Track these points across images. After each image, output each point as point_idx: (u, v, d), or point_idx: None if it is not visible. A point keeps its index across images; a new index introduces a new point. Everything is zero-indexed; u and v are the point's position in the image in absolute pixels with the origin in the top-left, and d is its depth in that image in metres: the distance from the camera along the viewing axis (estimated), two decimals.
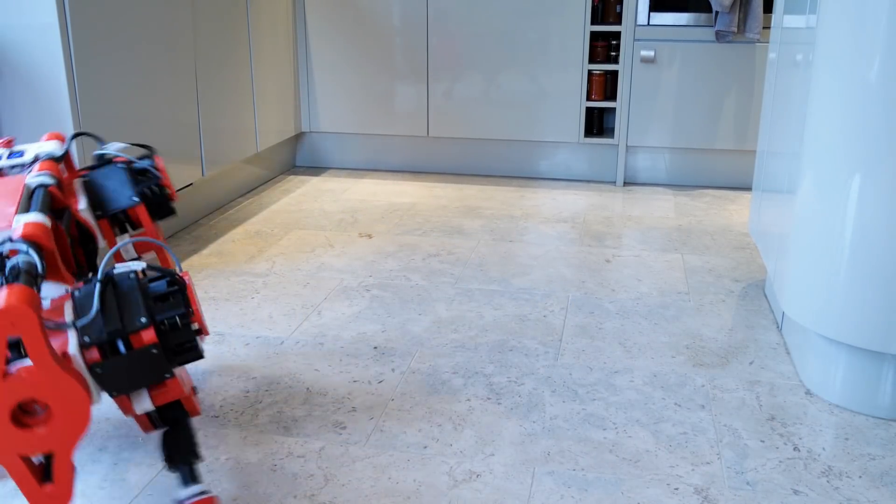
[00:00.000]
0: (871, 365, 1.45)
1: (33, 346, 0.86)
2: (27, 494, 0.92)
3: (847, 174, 1.37)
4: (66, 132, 1.86)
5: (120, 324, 0.96)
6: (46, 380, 0.88)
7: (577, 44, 2.99)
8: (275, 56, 3.00)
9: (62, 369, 0.88)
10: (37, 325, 0.85)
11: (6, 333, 0.82)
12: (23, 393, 0.87)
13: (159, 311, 0.99)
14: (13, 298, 0.85)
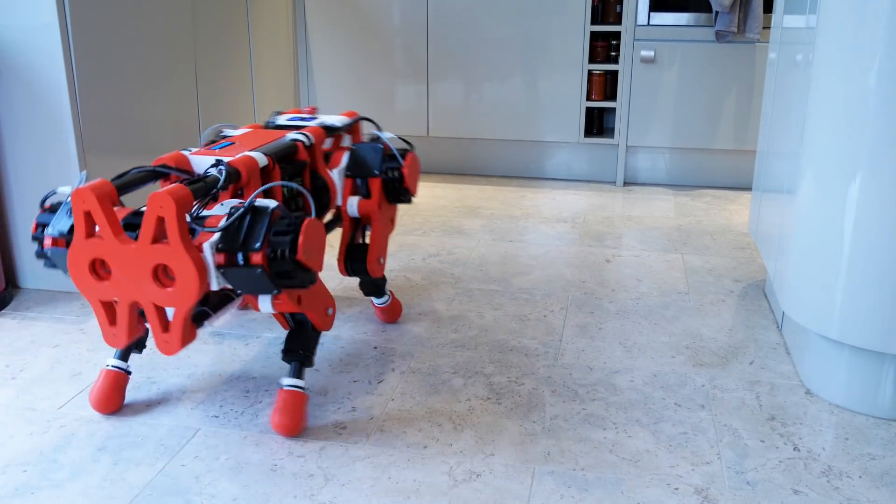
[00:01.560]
0: (871, 365, 1.45)
1: (170, 228, 1.16)
2: (155, 334, 1.24)
3: (847, 174, 1.37)
4: (65, 132, 1.86)
5: (241, 242, 1.21)
6: (173, 254, 1.17)
7: (577, 44, 2.99)
8: (275, 56, 3.00)
9: (186, 252, 1.16)
10: (174, 213, 1.15)
11: (155, 213, 1.16)
12: (158, 258, 1.18)
13: (271, 243, 1.22)
14: (166, 191, 1.15)
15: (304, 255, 1.23)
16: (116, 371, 1.46)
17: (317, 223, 1.26)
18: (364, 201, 1.62)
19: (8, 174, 1.92)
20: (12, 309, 1.90)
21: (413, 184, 1.65)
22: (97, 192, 1.19)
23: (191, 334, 1.26)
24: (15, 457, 1.31)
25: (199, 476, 1.26)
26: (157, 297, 1.21)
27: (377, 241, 1.65)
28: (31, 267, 2.00)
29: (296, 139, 1.51)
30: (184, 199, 1.18)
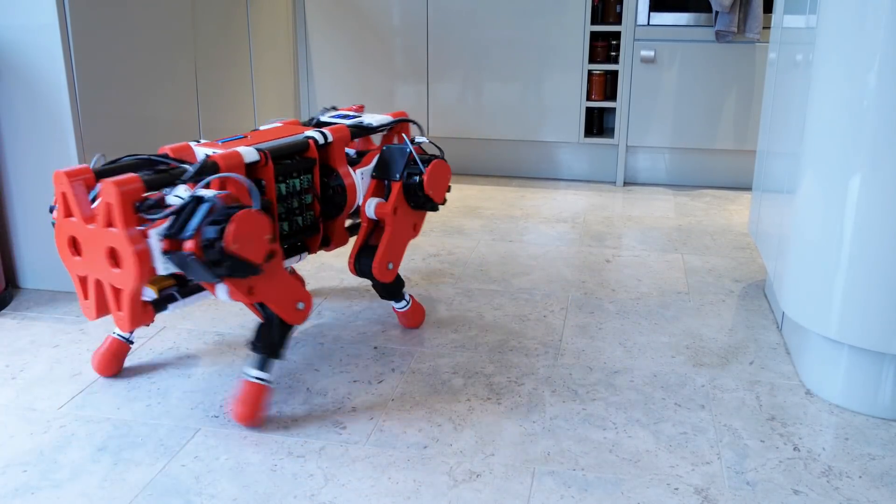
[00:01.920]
0: (871, 365, 1.45)
1: (114, 215, 1.22)
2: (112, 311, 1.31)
3: (847, 174, 1.37)
4: (65, 132, 1.86)
5: (177, 230, 1.25)
6: (117, 239, 1.23)
7: (577, 44, 2.99)
8: (275, 56, 3.00)
9: (126, 238, 1.22)
10: (118, 201, 1.21)
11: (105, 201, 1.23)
12: (108, 241, 1.24)
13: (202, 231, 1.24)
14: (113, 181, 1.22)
15: (233, 244, 1.24)
16: (120, 340, 1.58)
17: (252, 215, 1.27)
18: (381, 203, 1.60)
19: (8, 174, 1.92)
20: (12, 309, 1.90)
21: (436, 191, 1.61)
22: (71, 175, 1.27)
23: (143, 315, 1.31)
24: (15, 457, 1.31)
25: (199, 476, 1.26)
26: (109, 277, 1.28)
27: (387, 244, 1.62)
28: (31, 267, 2.00)
29: (309, 137, 1.53)
30: (130, 189, 1.23)
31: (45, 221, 1.94)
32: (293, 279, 1.43)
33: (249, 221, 1.27)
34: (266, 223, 1.30)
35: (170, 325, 1.81)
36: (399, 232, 1.64)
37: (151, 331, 1.78)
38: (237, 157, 1.39)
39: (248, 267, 1.28)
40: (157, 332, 1.78)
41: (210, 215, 1.26)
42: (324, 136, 1.55)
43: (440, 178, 1.63)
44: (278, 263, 1.39)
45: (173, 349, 1.69)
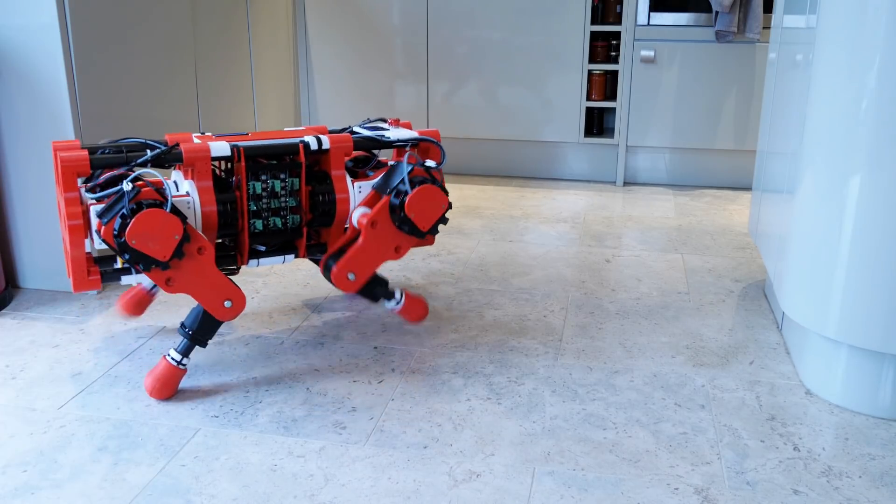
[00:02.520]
0: (871, 365, 1.45)
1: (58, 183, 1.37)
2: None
3: (847, 174, 1.37)
4: (65, 132, 1.86)
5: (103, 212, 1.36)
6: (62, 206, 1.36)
7: (577, 44, 2.99)
8: (275, 56, 3.00)
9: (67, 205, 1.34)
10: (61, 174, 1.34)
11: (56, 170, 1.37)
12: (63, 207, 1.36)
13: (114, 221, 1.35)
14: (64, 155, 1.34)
15: (132, 237, 1.33)
16: (145, 291, 1.78)
17: (155, 215, 1.34)
18: (363, 214, 1.59)
19: (8, 174, 1.92)
20: (12, 309, 1.90)
21: (419, 216, 1.56)
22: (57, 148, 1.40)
23: (87, 281, 1.40)
24: (15, 457, 1.31)
25: (199, 476, 1.26)
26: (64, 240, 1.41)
27: (355, 253, 1.58)
28: (31, 267, 2.00)
29: (301, 141, 1.56)
30: (73, 162, 1.35)
31: (45, 221, 1.94)
32: (224, 277, 1.48)
33: (151, 221, 1.34)
34: (173, 223, 1.36)
35: (170, 325, 1.81)
36: (374, 247, 1.59)
37: (151, 331, 1.78)
38: (203, 149, 1.44)
39: (151, 261, 1.37)
40: (157, 331, 1.78)
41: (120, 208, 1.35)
42: (319, 142, 1.57)
43: (428, 205, 1.57)
44: (203, 261, 1.44)
45: None
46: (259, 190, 1.52)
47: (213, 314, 1.49)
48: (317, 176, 1.61)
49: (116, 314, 1.87)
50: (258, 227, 1.54)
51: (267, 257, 1.60)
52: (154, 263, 1.37)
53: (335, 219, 1.61)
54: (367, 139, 1.64)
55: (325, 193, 1.59)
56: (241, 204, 1.51)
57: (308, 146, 1.56)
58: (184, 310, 1.89)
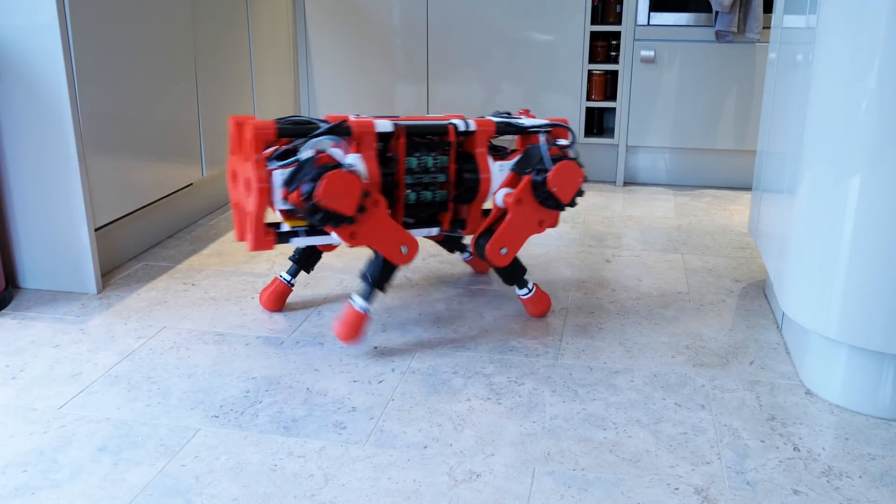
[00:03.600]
0: (871, 365, 1.45)
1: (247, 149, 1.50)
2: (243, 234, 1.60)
3: (847, 174, 1.37)
4: (65, 132, 1.86)
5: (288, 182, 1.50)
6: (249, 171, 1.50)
7: (577, 44, 2.99)
8: (275, 56, 3.00)
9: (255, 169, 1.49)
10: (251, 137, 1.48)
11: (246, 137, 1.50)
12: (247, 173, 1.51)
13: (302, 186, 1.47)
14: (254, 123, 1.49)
15: (322, 199, 1.46)
16: (284, 283, 1.87)
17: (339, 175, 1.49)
18: (507, 194, 1.72)
19: (8, 174, 1.92)
20: (12, 309, 1.90)
21: (561, 190, 1.69)
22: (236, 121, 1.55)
23: (264, 241, 1.56)
24: (15, 457, 1.31)
25: (199, 476, 1.26)
26: (244, 203, 1.56)
27: (505, 231, 1.71)
28: (31, 267, 2.00)
29: (452, 123, 1.70)
30: (263, 132, 1.50)
31: (46, 221, 1.94)
32: (398, 225, 1.63)
33: (338, 179, 1.48)
34: (354, 181, 1.50)
35: (170, 326, 1.81)
36: (520, 222, 1.73)
37: (151, 331, 1.78)
38: (369, 125, 1.60)
39: (340, 217, 1.50)
40: (158, 332, 1.78)
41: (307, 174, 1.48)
42: (466, 124, 1.71)
43: (568, 179, 1.69)
44: (379, 213, 1.59)
45: (173, 349, 1.69)
46: (414, 165, 1.66)
47: (391, 260, 1.63)
48: (462, 156, 1.74)
49: (117, 314, 1.87)
50: (411, 198, 1.68)
51: (414, 229, 1.74)
52: (342, 220, 1.50)
53: (478, 195, 1.74)
54: (506, 123, 1.77)
55: (471, 171, 1.72)
56: (399, 176, 1.65)
57: (457, 127, 1.69)
58: (184, 313, 1.89)
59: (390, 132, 1.63)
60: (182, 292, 2.00)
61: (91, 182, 1.95)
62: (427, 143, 1.67)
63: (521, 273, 1.81)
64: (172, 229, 2.47)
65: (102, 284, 2.04)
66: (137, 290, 2.01)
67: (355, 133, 1.58)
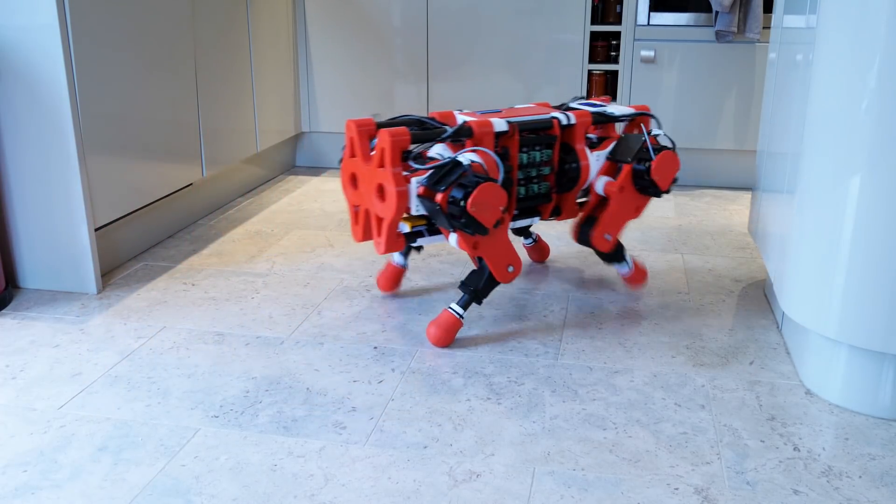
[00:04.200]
0: (871, 365, 1.45)
1: (385, 159, 1.54)
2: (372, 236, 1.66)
3: (847, 174, 1.37)
4: (65, 132, 1.86)
5: (433, 183, 1.56)
6: (385, 178, 1.56)
7: (577, 44, 2.99)
8: (275, 56, 3.00)
9: (392, 178, 1.54)
10: (389, 147, 1.53)
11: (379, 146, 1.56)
12: (378, 179, 1.58)
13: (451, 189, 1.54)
14: (388, 131, 1.54)
15: (472, 207, 1.52)
16: (398, 266, 1.96)
17: (493, 188, 1.54)
18: (610, 182, 1.82)
19: (8, 174, 1.92)
20: (12, 309, 1.90)
21: (661, 178, 1.80)
22: (358, 124, 1.61)
23: (396, 244, 1.63)
24: (15, 457, 1.31)
25: (199, 476, 1.26)
26: (375, 208, 1.62)
27: (608, 218, 1.84)
28: (31, 267, 2.00)
29: (554, 117, 1.77)
30: (399, 140, 1.54)
31: (46, 221, 1.94)
32: (511, 245, 1.69)
33: (489, 192, 1.54)
34: (502, 196, 1.55)
35: (169, 326, 1.81)
36: (621, 209, 1.85)
37: (151, 331, 1.78)
38: (489, 126, 1.65)
39: (479, 227, 1.56)
40: (157, 332, 1.78)
41: (460, 178, 1.54)
42: (567, 118, 1.78)
43: (667, 168, 1.81)
44: (504, 229, 1.67)
45: (173, 349, 1.69)
46: (525, 160, 1.73)
47: (496, 276, 1.69)
48: (562, 147, 1.82)
49: (117, 314, 1.87)
50: (521, 192, 1.75)
51: (517, 220, 1.81)
52: (480, 229, 1.56)
53: (577, 185, 1.82)
54: (599, 114, 1.85)
55: (572, 162, 1.80)
56: (513, 173, 1.71)
57: (560, 121, 1.77)
58: (184, 313, 1.89)
59: (505, 130, 1.69)
60: (182, 292, 2.00)
61: (91, 182, 1.95)
62: (534, 138, 1.73)
63: (622, 252, 1.94)
64: (172, 229, 2.47)
65: (102, 284, 2.04)
66: (137, 290, 2.01)
67: (477, 134, 1.64)
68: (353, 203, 1.70)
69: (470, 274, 1.72)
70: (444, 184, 1.55)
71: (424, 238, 1.70)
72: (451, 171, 1.56)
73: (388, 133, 1.53)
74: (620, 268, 1.98)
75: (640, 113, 1.91)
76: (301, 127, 3.29)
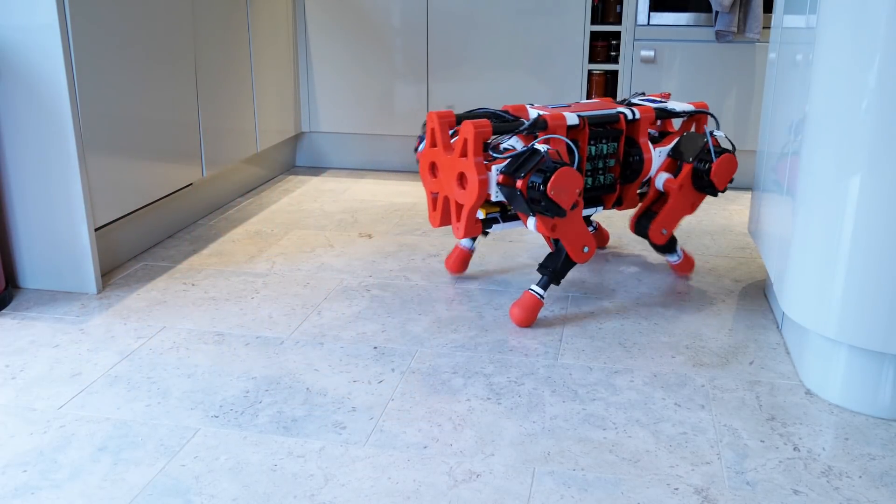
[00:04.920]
0: (871, 365, 1.45)
1: (468, 148, 1.65)
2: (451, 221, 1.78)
3: (847, 174, 1.37)
4: (65, 132, 1.86)
5: (513, 170, 1.67)
6: (467, 167, 1.67)
7: (577, 44, 2.99)
8: (275, 56, 3.00)
9: (474, 167, 1.65)
10: (472, 138, 1.64)
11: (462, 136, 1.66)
12: (460, 167, 1.69)
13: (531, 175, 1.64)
14: (472, 122, 1.64)
15: (551, 191, 1.61)
16: (465, 249, 2.08)
17: (570, 172, 1.62)
18: (670, 179, 1.92)
19: (8, 174, 1.92)
20: (12, 309, 1.90)
21: (720, 179, 1.90)
22: (440, 116, 1.73)
23: (474, 229, 1.74)
24: (15, 457, 1.31)
25: (199, 476, 1.26)
26: (456, 195, 1.72)
27: (666, 214, 1.95)
28: (31, 267, 2.00)
29: (621, 112, 1.87)
30: (482, 131, 1.65)
31: (46, 221, 1.94)
32: (586, 227, 1.79)
33: (567, 176, 1.63)
34: (579, 180, 1.64)
35: (169, 326, 1.81)
36: (679, 205, 1.96)
37: (151, 331, 1.78)
38: (562, 119, 1.76)
39: (558, 210, 1.65)
40: (157, 332, 1.78)
41: (539, 164, 1.64)
42: (633, 113, 1.89)
43: (727, 170, 1.90)
44: (579, 212, 1.76)
45: (173, 349, 1.69)
46: (593, 152, 1.83)
47: (573, 257, 1.79)
48: (627, 141, 1.91)
49: (117, 314, 1.87)
50: (588, 182, 1.86)
51: (586, 208, 1.91)
52: (558, 212, 1.65)
53: (639, 177, 1.91)
54: (662, 110, 1.95)
55: (636, 156, 1.90)
56: (582, 164, 1.82)
57: (626, 116, 1.87)
58: (184, 313, 1.89)
59: (576, 124, 1.79)
60: (182, 292, 2.00)
61: (91, 182, 1.95)
62: (602, 131, 1.84)
63: (675, 244, 2.05)
64: (172, 229, 2.47)
65: (102, 284, 2.04)
66: (137, 290, 2.01)
67: (551, 127, 1.75)
68: (432, 190, 1.80)
69: (547, 256, 1.82)
70: (524, 170, 1.64)
71: (499, 224, 1.82)
72: (529, 158, 1.65)
73: (471, 124, 1.63)
74: (670, 257, 2.09)
75: (700, 111, 2.00)
76: (301, 127, 3.29)
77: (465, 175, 1.68)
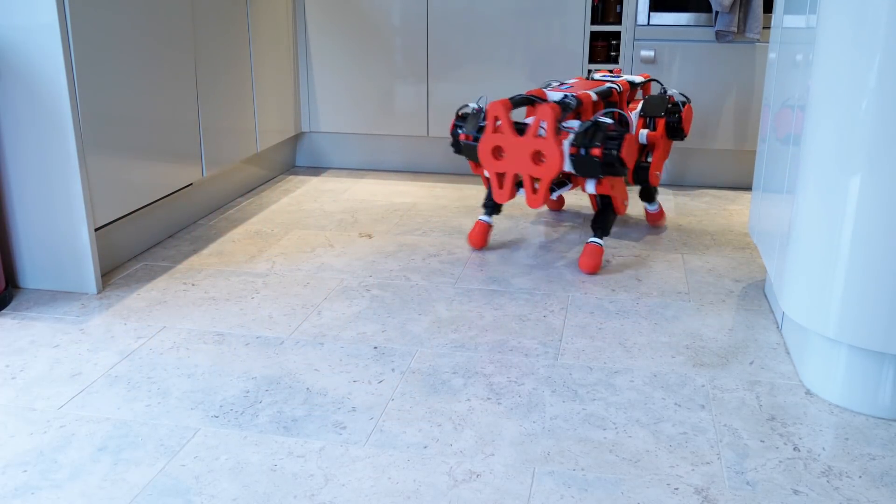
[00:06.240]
0: (871, 365, 1.45)
1: (548, 128, 1.95)
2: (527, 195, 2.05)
3: (846, 174, 1.37)
4: (65, 132, 1.86)
5: (587, 141, 1.98)
6: (547, 144, 1.96)
7: (577, 44, 2.99)
8: (275, 56, 3.00)
9: (555, 143, 1.95)
10: (552, 119, 1.95)
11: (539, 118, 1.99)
12: (537, 146, 1.98)
13: (604, 144, 1.96)
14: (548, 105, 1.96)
15: (624, 154, 1.95)
16: (485, 223, 2.31)
17: (633, 138, 1.98)
18: (651, 133, 2.31)
19: (8, 174, 1.92)
20: (12, 309, 1.90)
21: (687, 126, 2.35)
22: (504, 104, 1.98)
23: (547, 197, 2.04)
24: (15, 457, 1.31)
25: (199, 476, 1.27)
26: (533, 171, 2.00)
27: (657, 160, 2.35)
28: (31, 267, 2.00)
29: (612, 87, 2.28)
30: (558, 112, 1.96)
31: (46, 221, 1.94)
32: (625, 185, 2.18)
33: (632, 141, 1.99)
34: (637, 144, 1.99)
35: (169, 326, 1.81)
36: (663, 152, 2.38)
37: (151, 331, 1.78)
38: (589, 97, 2.16)
39: (624, 170, 1.99)
40: (157, 332, 1.78)
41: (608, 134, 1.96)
42: (619, 87, 2.30)
43: (690, 118, 2.37)
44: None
45: (173, 349, 1.70)
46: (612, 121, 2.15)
47: (617, 210, 2.18)
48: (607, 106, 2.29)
49: (117, 314, 1.87)
50: None
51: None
52: (623, 172, 1.99)
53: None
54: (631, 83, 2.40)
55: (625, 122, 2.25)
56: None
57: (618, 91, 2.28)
58: (184, 313, 1.89)
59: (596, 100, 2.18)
60: (182, 292, 2.00)
61: (91, 182, 1.95)
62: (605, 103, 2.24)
63: (654, 194, 2.47)
64: (172, 229, 2.47)
65: (102, 284, 2.04)
66: (137, 290, 2.01)
67: (585, 104, 2.13)
68: (497, 171, 2.05)
69: (596, 215, 2.18)
70: (597, 139, 1.96)
71: (557, 191, 2.23)
72: (596, 130, 1.97)
73: (549, 107, 1.93)
74: (651, 206, 2.49)
75: (651, 80, 2.50)
76: (301, 127, 3.29)
77: (541, 152, 1.95)
